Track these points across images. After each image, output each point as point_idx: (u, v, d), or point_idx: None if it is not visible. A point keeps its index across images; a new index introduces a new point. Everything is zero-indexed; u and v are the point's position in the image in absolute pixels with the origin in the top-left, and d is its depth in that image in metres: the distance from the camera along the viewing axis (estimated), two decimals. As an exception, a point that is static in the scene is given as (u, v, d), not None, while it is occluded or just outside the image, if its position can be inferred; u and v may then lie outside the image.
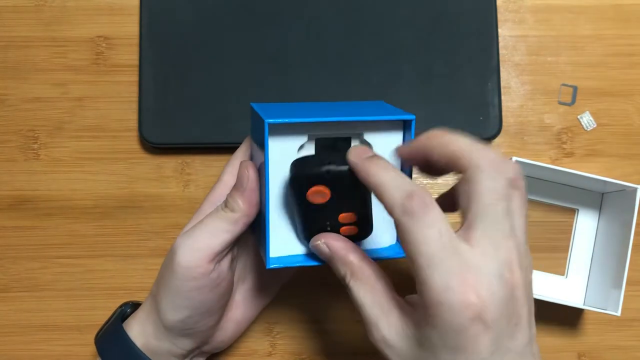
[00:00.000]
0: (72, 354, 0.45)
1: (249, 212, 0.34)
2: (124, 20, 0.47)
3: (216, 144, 0.44)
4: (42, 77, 0.46)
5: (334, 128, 0.33)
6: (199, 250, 0.34)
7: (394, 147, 0.33)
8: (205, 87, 0.45)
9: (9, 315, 0.45)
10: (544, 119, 0.47)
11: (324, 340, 0.45)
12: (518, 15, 0.48)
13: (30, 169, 0.46)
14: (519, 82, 0.47)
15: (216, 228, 0.34)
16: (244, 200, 0.34)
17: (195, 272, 0.34)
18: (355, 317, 0.45)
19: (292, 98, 0.45)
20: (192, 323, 0.36)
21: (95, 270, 0.45)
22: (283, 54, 0.45)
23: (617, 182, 0.41)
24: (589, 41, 0.47)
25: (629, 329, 0.46)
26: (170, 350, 0.37)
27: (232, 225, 0.34)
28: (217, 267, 0.35)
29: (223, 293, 0.37)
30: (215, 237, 0.34)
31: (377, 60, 0.45)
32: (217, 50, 0.45)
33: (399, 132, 0.34)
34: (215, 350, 0.41)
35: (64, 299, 0.45)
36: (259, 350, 0.45)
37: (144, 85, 0.45)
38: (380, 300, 0.30)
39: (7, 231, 0.45)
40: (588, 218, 0.46)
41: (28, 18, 0.47)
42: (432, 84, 0.45)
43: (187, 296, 0.35)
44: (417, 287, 0.27)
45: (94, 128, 0.46)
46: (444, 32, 0.46)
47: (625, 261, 0.41)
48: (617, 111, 0.47)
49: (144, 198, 0.45)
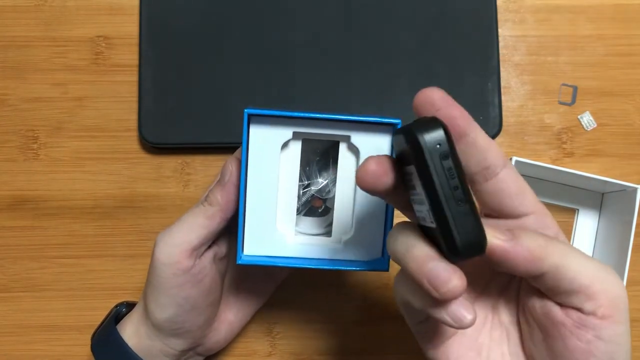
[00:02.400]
0: (71, 354, 0.45)
1: (227, 207, 0.34)
2: (124, 20, 0.47)
3: (216, 144, 0.44)
4: (42, 77, 0.46)
5: (320, 128, 0.33)
6: (176, 246, 0.34)
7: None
8: (205, 87, 0.45)
9: (8, 315, 0.45)
10: (544, 119, 0.47)
11: (324, 340, 0.45)
12: (518, 15, 0.48)
13: (30, 169, 0.46)
14: (519, 82, 0.47)
15: (193, 223, 0.34)
16: (222, 195, 0.34)
17: (174, 269, 0.34)
18: (355, 317, 0.45)
19: (292, 98, 0.45)
20: (180, 322, 0.36)
21: (95, 270, 0.45)
22: (283, 54, 0.45)
23: (617, 182, 0.41)
24: (589, 41, 0.47)
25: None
26: (163, 350, 0.37)
27: (209, 219, 0.34)
28: (197, 263, 0.35)
29: (208, 290, 0.36)
30: (192, 231, 0.34)
31: (377, 60, 0.45)
32: (217, 50, 0.45)
33: (387, 135, 0.34)
34: (210, 352, 0.41)
35: (64, 299, 0.45)
36: (259, 351, 0.45)
37: (143, 85, 0.45)
38: None
39: (7, 231, 0.45)
40: (588, 218, 0.46)
41: (28, 18, 0.47)
42: (432, 84, 0.45)
43: (170, 293, 0.35)
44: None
45: (94, 128, 0.46)
46: (444, 32, 0.46)
47: (625, 261, 0.41)
48: (618, 111, 0.47)
49: (143, 198, 0.45)
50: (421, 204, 0.24)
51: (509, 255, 0.25)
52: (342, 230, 0.35)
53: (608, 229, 0.44)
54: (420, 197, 0.24)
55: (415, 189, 0.24)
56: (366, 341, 0.45)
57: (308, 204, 0.37)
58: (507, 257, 0.25)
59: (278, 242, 0.34)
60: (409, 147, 0.23)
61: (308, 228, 0.37)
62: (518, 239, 0.25)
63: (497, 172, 0.26)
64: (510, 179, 0.26)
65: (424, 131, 0.23)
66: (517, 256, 0.25)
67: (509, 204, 0.27)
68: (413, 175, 0.24)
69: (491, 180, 0.26)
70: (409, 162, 0.24)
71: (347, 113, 0.33)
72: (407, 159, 0.24)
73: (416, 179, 0.24)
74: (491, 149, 0.26)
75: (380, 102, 0.45)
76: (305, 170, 0.37)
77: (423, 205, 0.24)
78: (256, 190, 0.33)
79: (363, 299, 0.45)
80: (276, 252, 0.34)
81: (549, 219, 0.28)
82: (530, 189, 0.27)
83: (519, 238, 0.25)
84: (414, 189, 0.25)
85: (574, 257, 0.25)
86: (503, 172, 0.26)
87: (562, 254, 0.25)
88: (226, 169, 0.34)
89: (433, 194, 0.23)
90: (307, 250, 0.34)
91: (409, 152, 0.23)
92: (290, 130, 0.33)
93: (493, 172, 0.26)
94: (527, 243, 0.25)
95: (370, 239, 0.35)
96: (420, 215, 0.25)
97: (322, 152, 0.37)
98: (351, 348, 0.45)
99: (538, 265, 0.25)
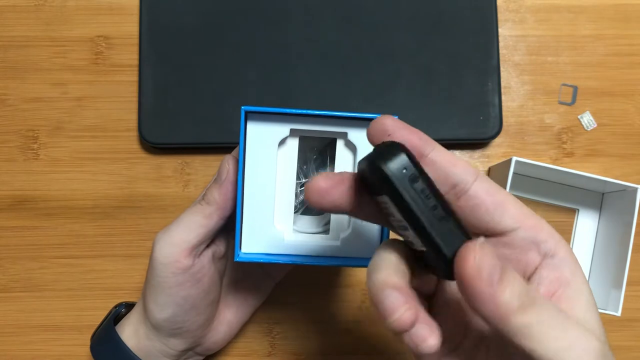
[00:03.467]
0: (71, 354, 0.45)
1: (224, 205, 0.34)
2: (124, 20, 0.47)
3: (216, 144, 0.44)
4: (41, 77, 0.46)
5: (317, 125, 0.33)
6: (175, 246, 0.34)
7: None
8: (205, 87, 0.45)
9: (8, 315, 0.45)
10: (544, 119, 0.47)
11: (323, 340, 0.45)
12: (518, 15, 0.48)
13: (29, 169, 0.46)
14: (519, 82, 0.47)
15: (192, 222, 0.34)
16: (220, 193, 0.34)
17: (173, 268, 0.34)
18: (354, 317, 0.45)
19: (292, 98, 0.45)
20: (179, 322, 0.36)
21: (95, 270, 0.45)
22: (283, 54, 0.45)
23: (618, 182, 0.41)
24: (589, 41, 0.47)
25: (629, 329, 0.46)
26: (162, 351, 0.37)
27: (207, 218, 0.34)
28: (196, 262, 0.35)
29: (207, 289, 0.36)
30: (190, 231, 0.34)
31: (377, 60, 0.45)
32: (216, 50, 0.45)
33: None
34: (209, 351, 0.41)
35: (64, 299, 0.45)
36: (259, 351, 0.45)
37: (143, 85, 0.45)
38: None
39: (7, 231, 0.45)
40: (588, 218, 0.46)
41: (28, 18, 0.47)
42: (432, 84, 0.45)
43: (169, 293, 0.35)
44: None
45: (94, 128, 0.46)
46: (444, 32, 0.46)
47: (625, 261, 0.41)
48: (618, 111, 0.47)
49: (143, 198, 0.45)
50: (405, 229, 0.24)
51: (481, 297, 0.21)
52: (340, 228, 0.35)
53: (608, 229, 0.44)
54: (402, 224, 0.23)
55: (394, 216, 0.24)
56: (366, 341, 0.45)
57: (306, 202, 0.37)
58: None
59: (276, 239, 0.34)
60: (377, 179, 0.22)
61: (306, 226, 0.36)
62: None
63: (466, 189, 0.24)
64: (483, 193, 0.24)
65: (387, 160, 0.22)
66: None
67: (487, 220, 0.25)
68: (388, 204, 0.23)
69: (462, 197, 0.25)
70: (381, 192, 0.23)
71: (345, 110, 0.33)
72: (378, 189, 0.23)
73: (392, 207, 0.23)
74: (455, 164, 0.24)
75: (380, 102, 0.45)
76: (303, 169, 0.37)
77: (408, 231, 0.23)
78: (253, 188, 0.33)
79: (363, 299, 0.45)
80: (274, 249, 0.34)
81: (545, 232, 0.25)
82: (513, 200, 0.25)
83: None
84: (392, 216, 0.24)
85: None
86: (473, 187, 0.24)
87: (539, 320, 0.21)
88: (223, 167, 0.34)
89: (414, 221, 0.22)
90: (305, 248, 0.34)
91: (378, 183, 0.23)
92: (288, 128, 0.33)
93: (462, 189, 0.24)
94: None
95: (367, 236, 0.35)
96: (409, 240, 0.24)
97: (320, 149, 0.37)
98: (351, 348, 0.45)
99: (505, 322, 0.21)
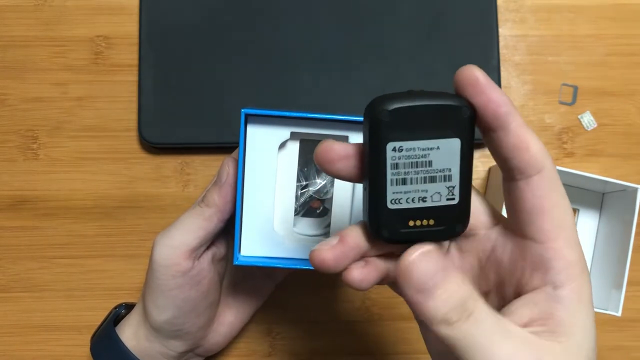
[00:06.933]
0: (71, 355, 0.45)
1: (224, 208, 0.34)
2: (124, 20, 0.47)
3: (216, 144, 0.44)
4: (41, 76, 0.46)
5: (318, 128, 0.33)
6: (174, 248, 0.34)
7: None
8: (205, 87, 0.45)
9: (8, 315, 0.45)
10: (545, 119, 0.47)
11: (323, 340, 0.45)
12: (518, 15, 0.48)
13: (29, 169, 0.45)
14: (520, 81, 0.47)
15: (191, 224, 0.34)
16: (219, 196, 0.34)
17: (173, 270, 0.34)
18: (354, 317, 0.45)
19: (292, 98, 0.44)
20: (179, 323, 0.36)
21: (95, 270, 0.45)
22: (283, 54, 0.45)
23: (618, 182, 0.41)
24: (590, 41, 0.47)
25: (630, 329, 0.46)
26: (162, 352, 0.37)
27: (206, 221, 0.34)
28: (196, 264, 0.35)
29: (206, 291, 0.36)
30: (190, 233, 0.34)
31: (377, 60, 0.45)
32: (216, 50, 0.45)
33: None
34: (209, 353, 0.41)
35: (64, 299, 0.45)
36: (259, 351, 0.45)
37: (143, 85, 0.45)
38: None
39: (7, 231, 0.45)
40: (588, 218, 0.46)
41: (27, 18, 0.47)
42: (432, 83, 0.45)
43: (169, 295, 0.35)
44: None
45: (94, 128, 0.46)
46: (444, 32, 0.46)
47: (625, 261, 0.41)
48: (618, 111, 0.47)
49: (143, 198, 0.45)
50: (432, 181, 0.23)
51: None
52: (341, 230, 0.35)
53: (608, 229, 0.44)
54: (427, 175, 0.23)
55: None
56: (366, 341, 0.45)
57: (306, 205, 0.37)
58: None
59: (275, 242, 0.34)
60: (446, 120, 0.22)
61: (306, 229, 0.36)
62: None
63: (518, 179, 0.22)
64: (528, 191, 0.22)
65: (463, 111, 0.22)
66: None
67: (518, 218, 0.23)
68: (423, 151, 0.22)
69: (512, 184, 0.23)
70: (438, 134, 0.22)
71: (346, 113, 0.33)
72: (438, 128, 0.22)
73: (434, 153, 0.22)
74: (527, 149, 0.22)
75: (380, 102, 0.45)
76: (304, 171, 0.36)
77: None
78: (253, 191, 0.33)
79: (363, 299, 0.45)
80: (273, 252, 0.34)
81: (564, 261, 0.22)
82: (560, 212, 0.22)
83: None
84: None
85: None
86: (524, 181, 0.22)
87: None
88: (223, 169, 0.34)
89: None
90: (305, 251, 0.34)
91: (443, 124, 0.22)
92: (288, 131, 0.33)
93: (520, 176, 0.22)
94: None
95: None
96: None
97: None
98: (351, 348, 0.45)
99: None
